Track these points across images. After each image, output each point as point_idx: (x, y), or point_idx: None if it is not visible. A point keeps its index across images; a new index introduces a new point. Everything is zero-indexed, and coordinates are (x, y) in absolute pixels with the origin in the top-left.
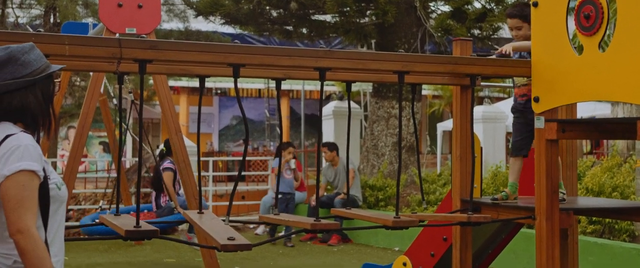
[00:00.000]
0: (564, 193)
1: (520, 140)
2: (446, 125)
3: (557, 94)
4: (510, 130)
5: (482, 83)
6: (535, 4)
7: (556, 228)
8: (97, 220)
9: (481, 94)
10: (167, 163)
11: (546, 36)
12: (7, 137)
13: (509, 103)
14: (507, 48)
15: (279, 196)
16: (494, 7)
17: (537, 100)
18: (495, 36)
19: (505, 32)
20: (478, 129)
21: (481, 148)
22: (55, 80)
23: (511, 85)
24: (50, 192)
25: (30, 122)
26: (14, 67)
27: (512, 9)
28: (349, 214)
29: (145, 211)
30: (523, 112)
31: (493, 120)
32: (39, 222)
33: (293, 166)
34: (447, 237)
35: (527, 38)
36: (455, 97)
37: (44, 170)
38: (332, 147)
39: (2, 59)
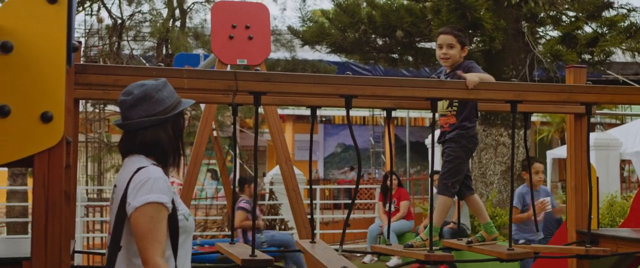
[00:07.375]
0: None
1: (443, 175)
2: (556, 152)
3: None
4: (625, 157)
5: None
6: None
7: None
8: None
9: (593, 120)
10: (242, 203)
11: None
12: (138, 170)
13: (622, 129)
14: (472, 81)
15: (521, 242)
16: (606, 32)
17: None
18: (608, 61)
19: (618, 56)
20: (591, 157)
21: (597, 178)
22: (185, 115)
23: (626, 112)
24: (179, 223)
25: (161, 156)
26: (149, 104)
27: (451, 27)
28: (460, 246)
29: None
30: (443, 143)
31: (606, 147)
32: (168, 252)
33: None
34: None
35: (455, 61)
36: (569, 125)
37: (173, 201)
38: None
39: (138, 97)
